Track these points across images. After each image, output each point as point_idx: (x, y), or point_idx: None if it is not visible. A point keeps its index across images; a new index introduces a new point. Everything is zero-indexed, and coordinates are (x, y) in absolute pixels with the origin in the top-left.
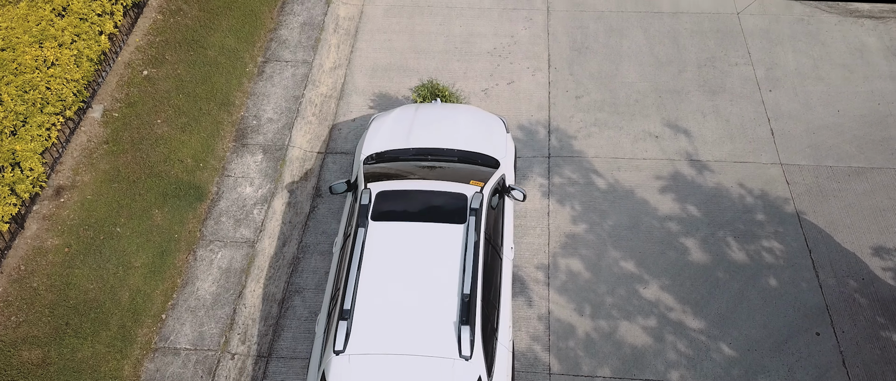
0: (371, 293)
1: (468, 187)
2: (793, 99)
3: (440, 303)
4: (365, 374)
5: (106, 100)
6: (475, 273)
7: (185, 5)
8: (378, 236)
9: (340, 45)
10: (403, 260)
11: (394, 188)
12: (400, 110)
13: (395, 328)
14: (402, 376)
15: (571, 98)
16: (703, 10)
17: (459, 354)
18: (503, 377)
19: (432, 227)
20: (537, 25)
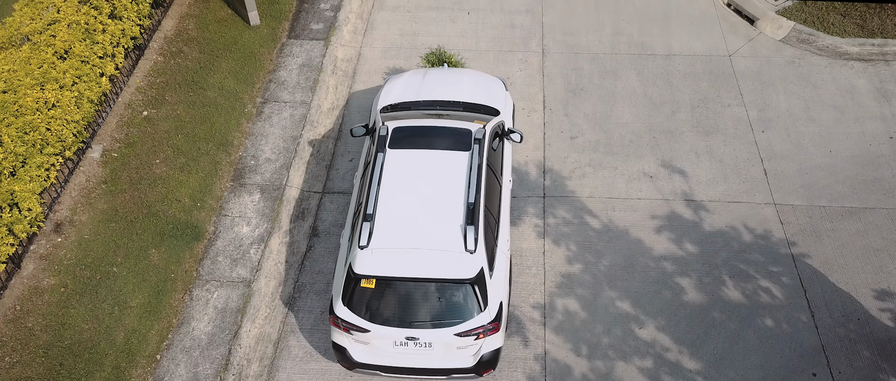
0: (390, 202)
1: (473, 124)
2: (785, 140)
3: (449, 210)
4: (385, 264)
5: (106, 140)
6: (478, 187)
7: (186, 47)
8: (395, 160)
9: (338, 87)
10: (417, 178)
11: (408, 124)
12: (411, 73)
13: (411, 229)
14: (417, 265)
15: (566, 139)
16: (695, 52)
17: (465, 248)
18: (501, 276)
19: (441, 153)
20: (532, 67)
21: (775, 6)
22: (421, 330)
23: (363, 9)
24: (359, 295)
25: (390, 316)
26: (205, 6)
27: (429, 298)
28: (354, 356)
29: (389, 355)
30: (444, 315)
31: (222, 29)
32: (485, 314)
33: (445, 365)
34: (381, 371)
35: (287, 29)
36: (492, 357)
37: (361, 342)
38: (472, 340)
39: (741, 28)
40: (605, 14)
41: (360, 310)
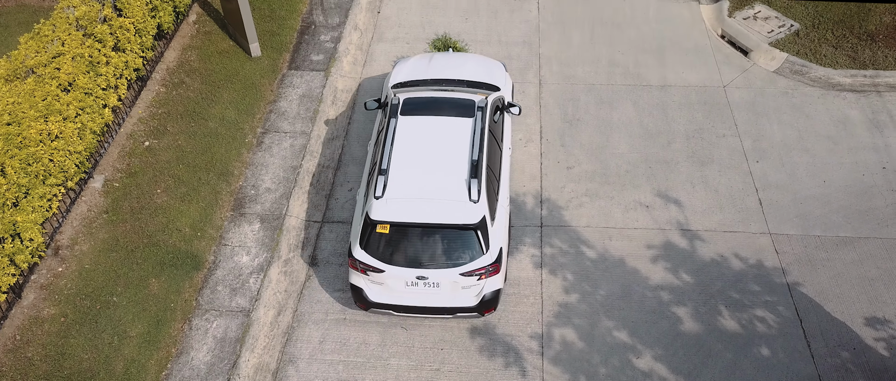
0: (402, 159)
1: (476, 96)
2: (779, 170)
3: (455, 166)
4: (397, 211)
5: (107, 170)
6: (481, 147)
7: (188, 78)
8: (406, 124)
9: (338, 117)
10: (426, 140)
11: (417, 95)
12: (418, 56)
13: (421, 181)
14: (426, 212)
15: (563, 169)
16: (690, 83)
17: (469, 198)
18: (502, 226)
19: (448, 119)
20: (530, 98)
21: (768, 38)
22: (430, 270)
23: (363, 40)
24: (375, 240)
25: (402, 258)
26: (207, 38)
27: (437, 241)
28: (370, 297)
29: (401, 294)
30: (450, 257)
31: (224, 60)
32: (487, 256)
33: (451, 304)
34: (394, 311)
35: (287, 60)
36: (493, 297)
37: (376, 282)
38: (475, 280)
39: (735, 59)
40: (601, 46)
41: (375, 252)
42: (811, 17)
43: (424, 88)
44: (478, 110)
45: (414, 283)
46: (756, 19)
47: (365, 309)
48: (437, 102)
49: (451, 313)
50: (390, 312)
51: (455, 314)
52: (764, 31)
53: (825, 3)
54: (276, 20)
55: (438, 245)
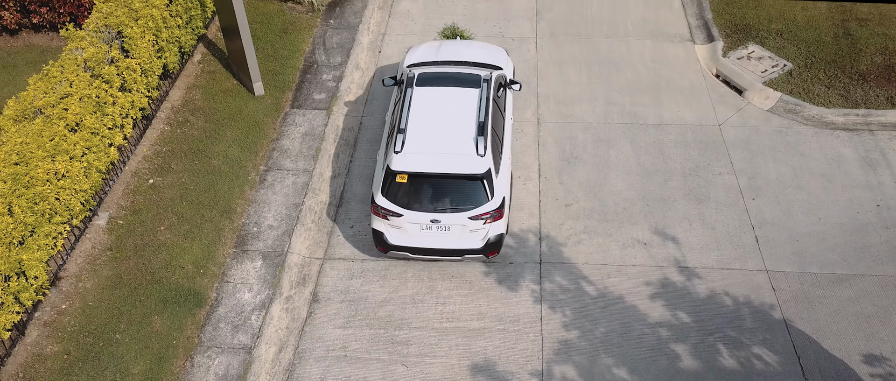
0: (418, 120)
1: (482, 71)
2: (775, 207)
3: (464, 126)
4: (414, 163)
5: (112, 207)
6: (487, 111)
7: (192, 117)
8: (421, 93)
9: (340, 155)
10: (439, 106)
11: (430, 70)
12: (429, 43)
13: (434, 139)
14: (439, 164)
15: (561, 206)
16: (686, 121)
17: (477, 153)
18: (504, 179)
19: (458, 89)
20: (528, 136)
21: (762, 77)
22: (442, 214)
23: (364, 79)
24: (394, 188)
25: (418, 204)
26: (211, 77)
27: (448, 189)
28: (389, 240)
29: (417, 237)
30: (460, 203)
31: (227, 99)
32: (491, 203)
33: (460, 246)
34: (410, 253)
35: (290, 99)
36: (496, 241)
37: (395, 226)
38: (481, 223)
39: (730, 98)
40: (598, 85)
41: (395, 199)
42: (804, 58)
43: (436, 67)
44: (484, 82)
45: (428, 227)
46: (750, 59)
47: (384, 252)
48: (447, 76)
49: (460, 255)
50: (407, 254)
51: (463, 256)
52: (758, 71)
53: (817, 44)
54: (278, 59)
55: (450, 193)
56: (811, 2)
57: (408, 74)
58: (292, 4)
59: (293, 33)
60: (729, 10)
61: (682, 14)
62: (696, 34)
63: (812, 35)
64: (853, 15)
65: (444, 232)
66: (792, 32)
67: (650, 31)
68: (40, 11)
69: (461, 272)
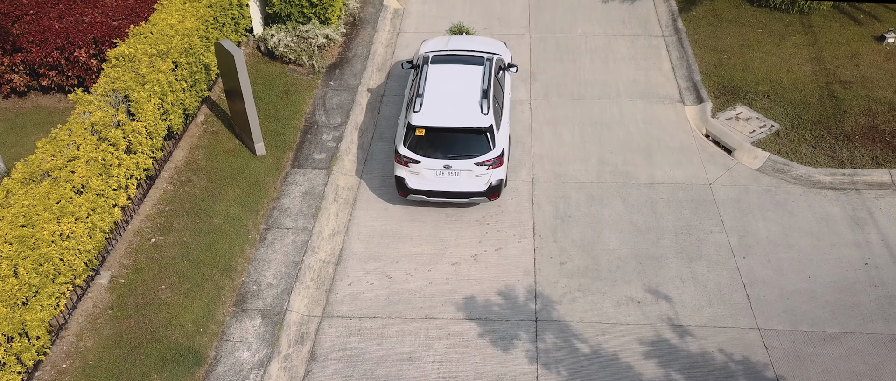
0: (433, 87)
1: (485, 54)
2: (766, 265)
3: (471, 93)
4: (430, 119)
5: (114, 266)
6: (489, 83)
7: (195, 176)
8: (435, 69)
9: (339, 213)
10: (450, 78)
11: (442, 52)
12: (439, 37)
13: (446, 101)
14: (451, 119)
15: (556, 264)
16: (677, 181)
17: (481, 112)
18: (504, 134)
19: (465, 66)
20: (523, 195)
21: (750, 138)
22: (453, 161)
23: (364, 139)
24: (414, 140)
25: (433, 153)
26: (214, 138)
27: (458, 141)
28: (409, 184)
29: (432, 182)
30: (467, 152)
31: (230, 159)
32: (493, 152)
33: (467, 189)
34: (426, 195)
35: (291, 158)
36: (497, 185)
37: (414, 172)
38: (484, 169)
39: (719, 158)
40: (591, 145)
41: (414, 149)
42: (790, 118)
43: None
44: (486, 61)
45: (441, 172)
46: (738, 120)
47: (405, 196)
48: (457, 57)
49: (467, 197)
50: (424, 197)
51: (470, 198)
52: (746, 131)
53: (803, 105)
54: (280, 120)
55: (459, 143)
56: (796, 65)
57: (424, 56)
58: (293, 67)
59: (294, 94)
60: (717, 73)
61: (671, 76)
62: (686, 95)
63: (798, 97)
64: (837, 78)
65: (455, 177)
66: (778, 94)
67: (641, 92)
68: (49, 75)
69: (458, 331)
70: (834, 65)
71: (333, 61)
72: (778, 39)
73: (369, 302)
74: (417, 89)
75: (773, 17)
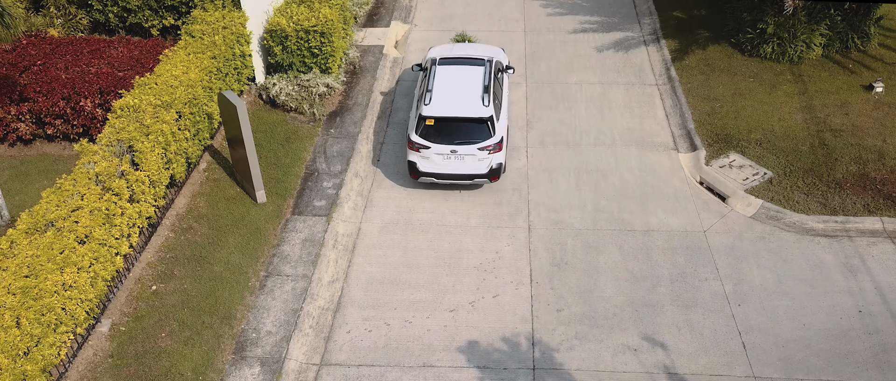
0: (441, 84)
1: (486, 57)
2: (761, 313)
3: (474, 88)
4: (439, 110)
5: (115, 314)
6: (490, 81)
7: (196, 223)
8: (442, 69)
9: (338, 260)
10: (455, 77)
11: (448, 55)
12: (445, 44)
13: (452, 95)
14: (456, 110)
15: (553, 311)
16: (672, 228)
17: (483, 104)
18: (503, 123)
19: (468, 66)
20: (520, 242)
21: (744, 185)
22: (459, 146)
23: (363, 187)
24: (424, 128)
25: (441, 139)
26: (216, 185)
27: (463, 129)
28: (420, 168)
29: (440, 165)
30: (471, 138)
31: (231, 206)
32: (493, 139)
33: (471, 172)
34: (435, 178)
35: (291, 206)
36: (497, 168)
37: (424, 157)
38: (486, 153)
39: (714, 205)
40: (587, 192)
41: (424, 136)
42: (782, 166)
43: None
44: (487, 63)
45: (448, 156)
46: (731, 167)
47: (416, 178)
48: (461, 59)
49: (471, 179)
50: (433, 179)
51: (473, 180)
52: (739, 179)
53: (795, 153)
54: (281, 167)
55: (464, 131)
56: (787, 113)
57: (431, 59)
58: (295, 115)
59: (295, 142)
60: (710, 121)
61: (665, 124)
62: (680, 143)
63: (790, 145)
64: (827, 126)
65: (460, 160)
66: (770, 142)
67: (636, 139)
68: (55, 123)
69: (456, 378)
70: (824, 113)
71: (334, 109)
72: (769, 88)
73: (367, 350)
74: (427, 86)
75: (764, 66)
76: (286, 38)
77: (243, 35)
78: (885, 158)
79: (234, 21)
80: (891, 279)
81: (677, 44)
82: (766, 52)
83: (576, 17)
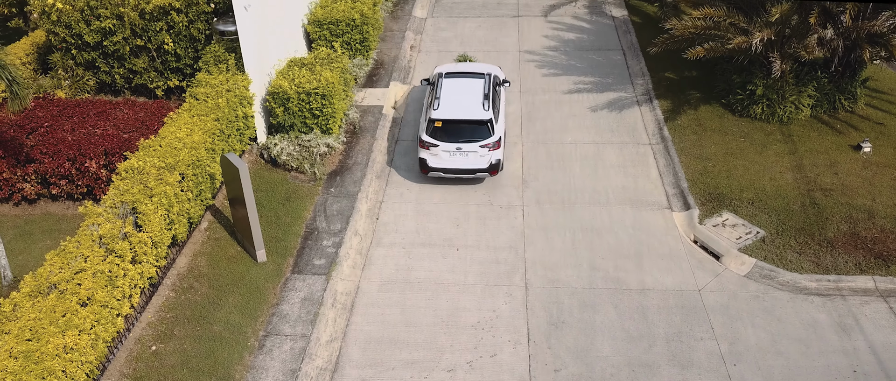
0: (447, 93)
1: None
2: (756, 373)
3: (475, 96)
4: (446, 113)
5: (114, 375)
6: (489, 90)
7: (197, 283)
8: (448, 80)
9: (337, 319)
10: (459, 87)
11: (453, 69)
12: (449, 63)
13: (457, 102)
14: (461, 113)
15: (550, 371)
16: (667, 287)
17: (483, 109)
18: (501, 125)
19: (471, 78)
20: (517, 300)
21: (737, 244)
22: (463, 144)
23: (362, 245)
24: (433, 129)
25: (448, 138)
26: (216, 244)
27: (466, 129)
28: (430, 164)
29: (447, 161)
30: (474, 137)
31: (231, 266)
32: (493, 137)
33: (474, 167)
34: (443, 172)
35: (291, 264)
36: (496, 164)
37: (433, 154)
38: (487, 150)
39: (708, 264)
40: (582, 251)
41: (433, 136)
42: (775, 225)
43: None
44: (487, 76)
45: (454, 153)
46: (725, 227)
47: (426, 173)
48: (464, 73)
49: (473, 173)
50: (441, 173)
51: (475, 174)
52: (733, 238)
53: (786, 212)
54: (281, 226)
55: (467, 131)
56: (778, 173)
57: (438, 73)
58: (295, 174)
59: (296, 201)
60: (703, 180)
61: (659, 183)
62: (674, 202)
63: (781, 204)
64: (818, 185)
65: (464, 157)
66: (762, 201)
67: (630, 198)
68: (60, 184)
69: None
70: (814, 173)
71: (334, 168)
72: (760, 148)
73: None
74: (435, 94)
75: (754, 126)
76: (288, 100)
77: (246, 97)
78: (874, 218)
79: (238, 84)
80: (884, 339)
81: (670, 104)
82: (756, 113)
83: (570, 77)
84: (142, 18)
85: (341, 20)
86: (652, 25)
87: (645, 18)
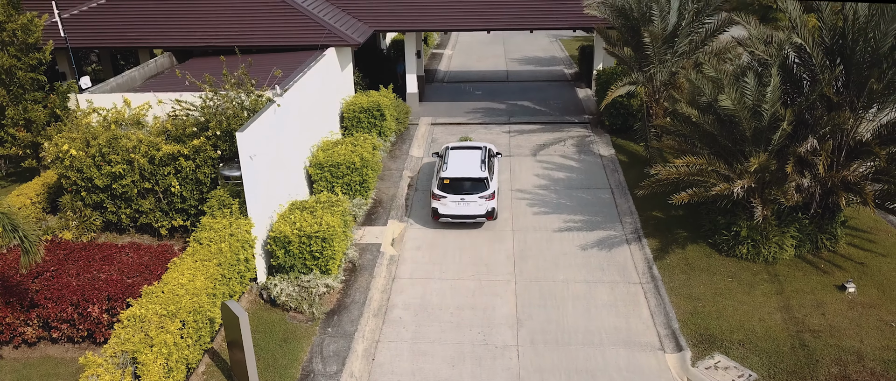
0: (453, 161)
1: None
2: None
3: (474, 162)
4: (452, 173)
5: None
6: (485, 157)
7: None
8: (453, 152)
9: None
10: (462, 157)
11: (457, 145)
12: (455, 142)
13: (461, 166)
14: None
15: None
16: None
17: (480, 170)
18: (494, 183)
19: (471, 150)
20: None
21: None
22: (466, 195)
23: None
24: (443, 185)
25: (454, 191)
26: None
27: (468, 184)
28: (440, 211)
29: (453, 209)
30: (474, 190)
31: None
32: (488, 191)
33: (474, 213)
34: (451, 218)
35: None
36: (491, 211)
37: (442, 204)
38: (484, 200)
39: None
40: None
41: (443, 190)
42: (766, 368)
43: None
44: (483, 148)
45: (459, 202)
46: (717, 369)
47: (437, 220)
48: (466, 147)
49: (474, 219)
50: (448, 219)
51: (475, 219)
52: None
53: (777, 355)
54: (277, 369)
55: (469, 185)
56: (767, 313)
57: (446, 146)
58: (294, 314)
59: (293, 342)
60: (693, 320)
61: (651, 323)
62: (666, 343)
63: (771, 346)
64: (806, 326)
65: (467, 205)
66: (753, 343)
67: (622, 339)
68: (61, 327)
69: None
70: (802, 313)
71: (332, 307)
72: (748, 288)
73: None
74: (444, 159)
75: (741, 265)
76: (289, 244)
77: (248, 241)
78: (864, 360)
79: (241, 228)
80: None
81: (658, 243)
82: (742, 253)
83: (560, 215)
84: (151, 164)
85: (342, 163)
86: (639, 164)
87: (632, 157)
